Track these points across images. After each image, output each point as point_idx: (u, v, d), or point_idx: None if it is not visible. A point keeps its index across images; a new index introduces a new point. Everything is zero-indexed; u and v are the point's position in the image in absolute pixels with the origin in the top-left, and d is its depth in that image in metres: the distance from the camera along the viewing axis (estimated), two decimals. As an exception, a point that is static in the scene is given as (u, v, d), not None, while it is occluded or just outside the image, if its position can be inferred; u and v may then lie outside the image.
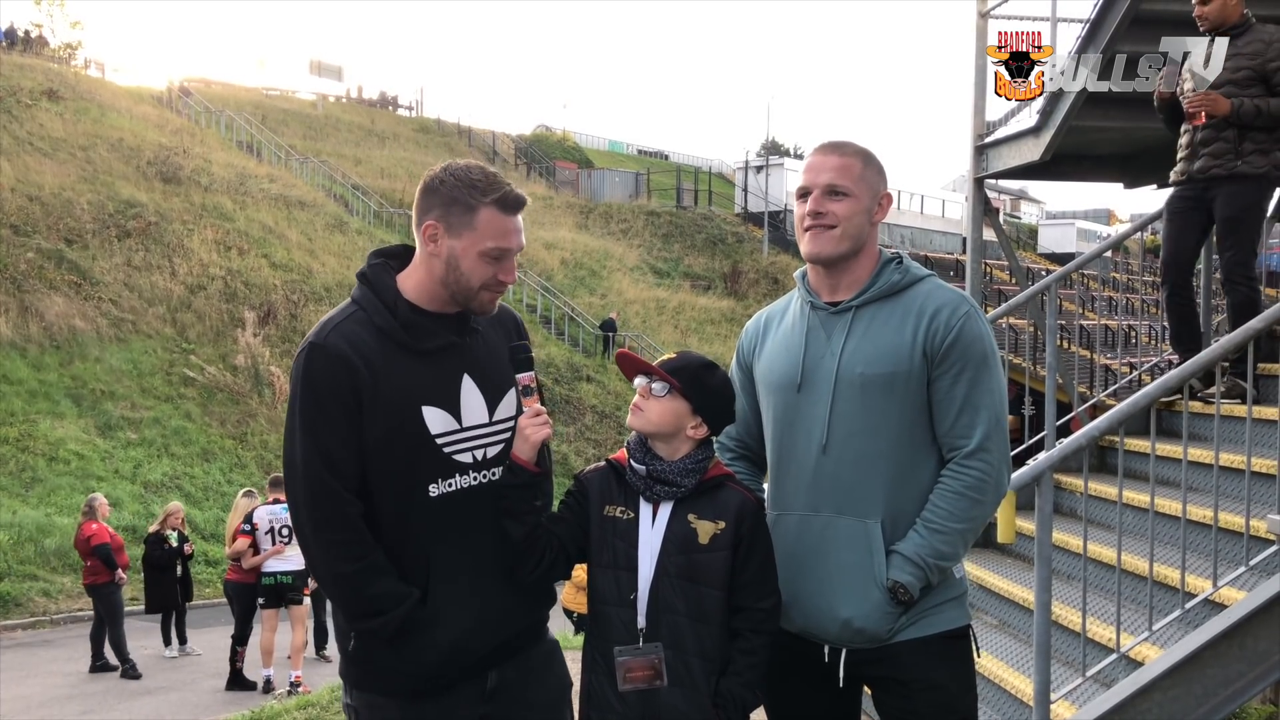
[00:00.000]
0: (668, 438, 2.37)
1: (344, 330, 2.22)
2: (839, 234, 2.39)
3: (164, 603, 11.03)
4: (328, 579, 2.26)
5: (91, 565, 10.39)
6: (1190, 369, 4.04)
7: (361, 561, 2.19)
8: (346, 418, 2.17)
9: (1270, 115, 4.78)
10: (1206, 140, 4.91)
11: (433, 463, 2.25)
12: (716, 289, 33.02)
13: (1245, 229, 4.96)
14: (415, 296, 2.28)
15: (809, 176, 2.42)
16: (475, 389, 2.31)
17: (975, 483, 2.33)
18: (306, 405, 2.19)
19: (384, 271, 2.31)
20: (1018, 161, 7.09)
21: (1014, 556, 5.36)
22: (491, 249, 2.22)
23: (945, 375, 2.34)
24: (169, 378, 19.34)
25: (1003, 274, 27.31)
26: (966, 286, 7.87)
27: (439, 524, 2.26)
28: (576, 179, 41.98)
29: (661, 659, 2.30)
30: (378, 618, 2.20)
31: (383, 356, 2.20)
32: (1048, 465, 3.82)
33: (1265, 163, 4.86)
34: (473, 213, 2.21)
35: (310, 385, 2.18)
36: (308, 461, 2.18)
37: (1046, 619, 3.73)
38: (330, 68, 48.21)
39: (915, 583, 2.32)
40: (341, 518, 2.19)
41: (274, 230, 25.77)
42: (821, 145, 2.46)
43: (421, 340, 2.25)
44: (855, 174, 2.40)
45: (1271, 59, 4.77)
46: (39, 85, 28.22)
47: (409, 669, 2.25)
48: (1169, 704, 3.64)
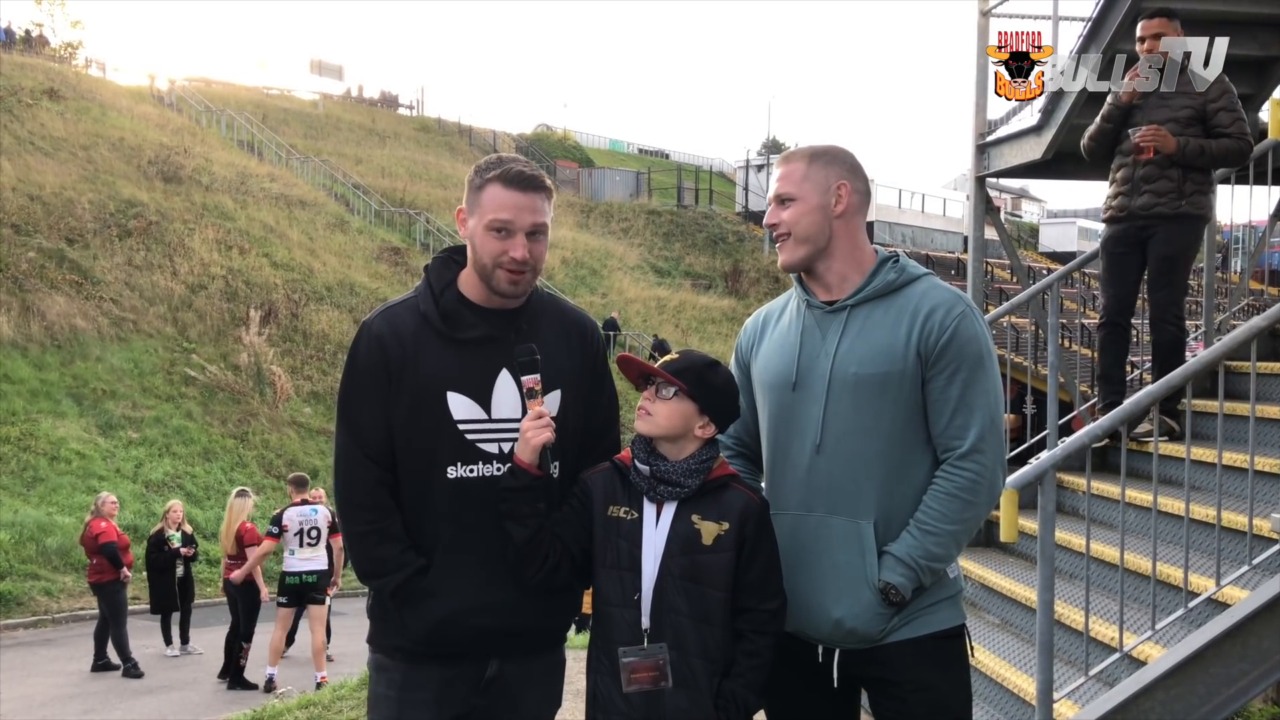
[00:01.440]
0: (675, 438, 2.36)
1: (391, 313, 2.42)
2: (792, 240, 2.42)
3: (166, 603, 11.05)
4: (345, 535, 2.46)
5: (97, 563, 10.40)
6: (1194, 367, 4.04)
7: (372, 525, 2.36)
8: (377, 392, 2.35)
9: (1211, 157, 4.83)
10: (1150, 176, 4.90)
11: (453, 446, 2.35)
12: (717, 288, 33.02)
13: (1180, 269, 5.01)
14: (467, 289, 2.42)
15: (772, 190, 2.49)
16: (511, 384, 2.38)
17: (968, 484, 2.32)
18: (348, 378, 2.41)
19: (443, 265, 2.47)
20: (1019, 160, 7.08)
21: (1016, 555, 5.36)
22: (493, 221, 2.32)
23: (940, 375, 2.33)
24: (170, 377, 19.35)
25: (1004, 273, 27.31)
26: (968, 285, 7.87)
27: (454, 505, 2.35)
28: (577, 178, 41.97)
29: (666, 660, 2.29)
30: (378, 578, 2.37)
31: (417, 340, 2.36)
32: (1050, 464, 3.81)
33: (1205, 204, 4.92)
34: (481, 191, 2.36)
35: (352, 361, 2.40)
36: (340, 429, 2.42)
37: (1049, 618, 3.72)
38: (331, 67, 48.27)
39: (907, 584, 2.31)
40: (361, 483, 2.37)
41: (275, 229, 25.77)
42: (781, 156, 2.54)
43: (458, 330, 2.37)
44: (797, 178, 2.42)
45: (1213, 99, 4.83)
46: (40, 85, 28.22)
47: (405, 632, 2.38)
48: (1172, 703, 3.64)
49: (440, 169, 37.20)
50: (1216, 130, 4.83)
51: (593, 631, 2.42)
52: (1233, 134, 4.82)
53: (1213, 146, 4.80)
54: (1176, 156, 4.80)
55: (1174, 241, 4.89)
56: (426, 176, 35.62)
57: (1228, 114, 4.82)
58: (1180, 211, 4.86)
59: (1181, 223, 4.88)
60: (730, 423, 2.45)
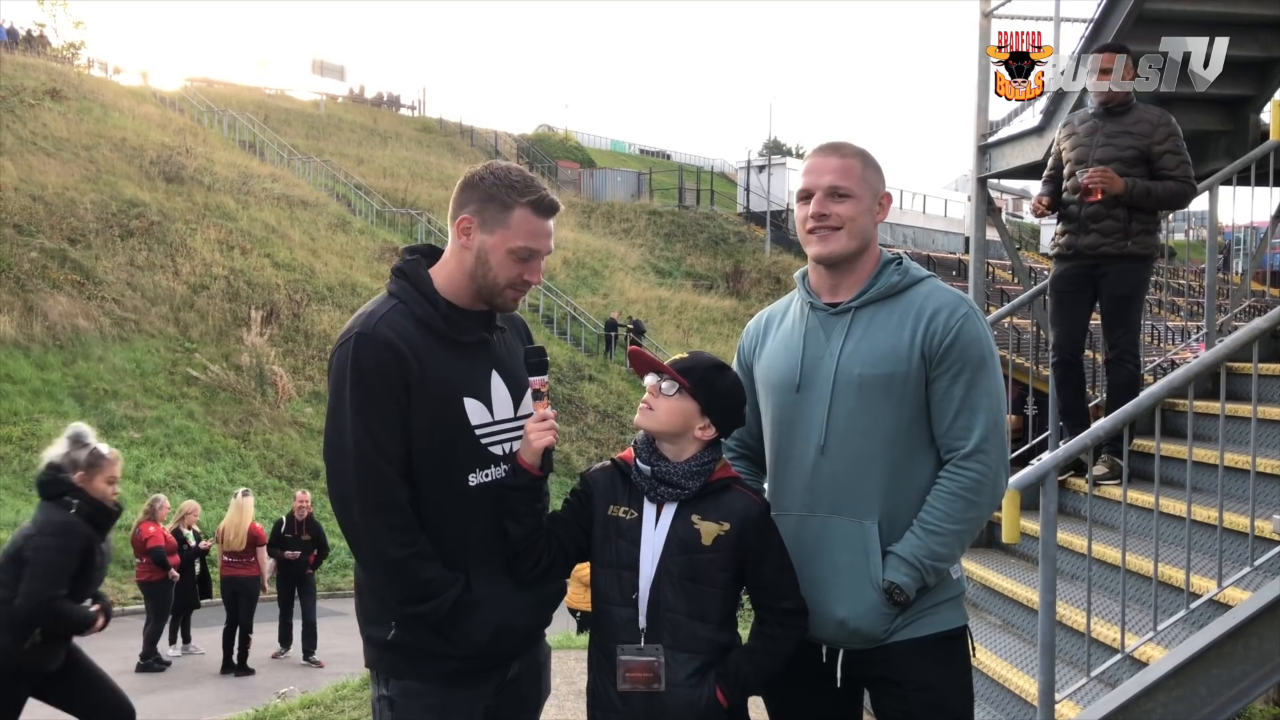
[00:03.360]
0: (675, 438, 2.36)
1: (389, 321, 2.27)
2: (845, 234, 2.39)
3: (185, 601, 11.32)
4: (378, 564, 2.27)
5: (145, 563, 10.87)
6: (1196, 368, 4.04)
7: (412, 547, 2.23)
8: (396, 405, 2.23)
9: (1157, 198, 4.87)
10: (1096, 216, 4.94)
11: (472, 452, 2.32)
12: (718, 289, 33.03)
13: (1135, 308, 5.07)
14: (446, 290, 2.34)
15: (810, 179, 2.42)
16: (503, 384, 2.38)
17: (972, 484, 2.33)
18: (358, 393, 2.22)
19: (420, 266, 2.37)
20: (1021, 161, 7.09)
21: (1018, 556, 5.36)
22: (520, 248, 2.29)
23: (943, 376, 2.34)
24: (172, 377, 19.37)
25: (1005, 274, 27.30)
26: (969, 286, 7.87)
27: (475, 511, 2.31)
28: (579, 178, 42.00)
29: (661, 663, 2.30)
30: (429, 601, 2.23)
31: (425, 348, 2.27)
32: (1052, 465, 3.81)
33: (1151, 244, 4.98)
34: (508, 211, 2.28)
35: (360, 374, 2.22)
36: (359, 447, 2.21)
37: (1051, 619, 3.72)
38: (332, 67, 48.23)
39: (911, 584, 2.32)
40: (392, 503, 2.23)
41: (276, 230, 25.80)
42: (820, 147, 2.46)
43: (460, 334, 2.32)
44: (856, 174, 2.40)
45: (1158, 141, 4.87)
46: (42, 85, 28.21)
47: (457, 650, 2.28)
48: (1173, 704, 3.64)
49: (442, 169, 37.22)
50: (1162, 173, 4.88)
51: (592, 630, 2.43)
52: (1177, 177, 4.88)
53: (1158, 189, 4.86)
54: (1124, 198, 4.86)
55: (1126, 281, 4.96)
56: (428, 177, 35.65)
57: (1173, 157, 4.88)
58: (1126, 251, 4.92)
59: (1129, 261, 4.94)
60: (733, 428, 2.45)
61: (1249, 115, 7.19)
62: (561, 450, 20.99)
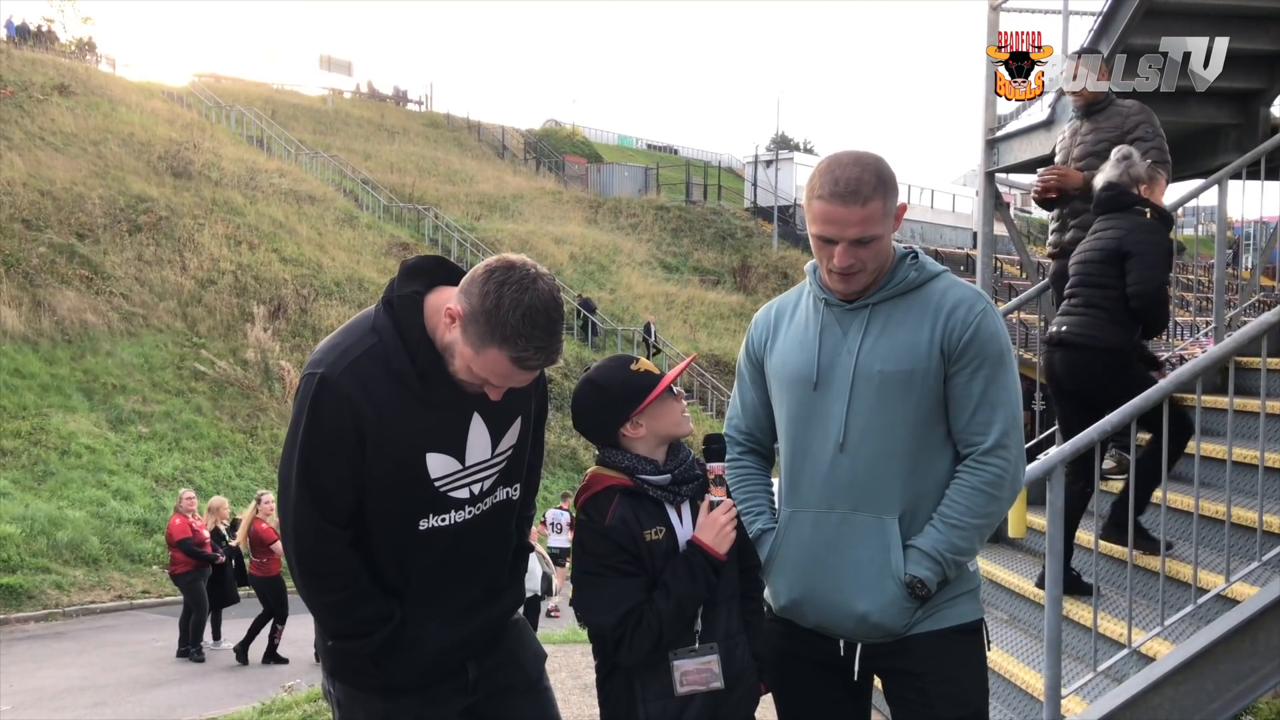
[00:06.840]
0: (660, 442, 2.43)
1: (358, 368, 2.11)
2: (865, 275, 2.35)
3: (217, 597, 11.48)
4: (311, 603, 2.24)
5: (175, 556, 11.26)
6: (1204, 363, 4.02)
7: (344, 592, 2.18)
8: (347, 457, 2.12)
9: None
10: (1076, 212, 5.08)
11: (428, 501, 2.22)
12: (725, 284, 33.01)
13: None
14: (433, 332, 2.15)
15: (833, 230, 2.29)
16: (483, 427, 2.24)
17: (993, 479, 2.33)
18: (308, 437, 2.12)
19: (412, 307, 2.16)
20: (1029, 155, 7.07)
21: (1025, 551, 5.35)
22: (486, 378, 2.12)
23: (962, 371, 2.33)
24: (180, 372, 19.42)
25: (1013, 268, 27.24)
26: (977, 280, 7.85)
27: (425, 549, 2.24)
28: (586, 173, 41.98)
29: (718, 661, 2.34)
30: (361, 639, 2.20)
31: (392, 402, 2.12)
32: (1059, 459, 3.81)
33: None
34: (486, 345, 2.05)
35: (314, 420, 2.11)
36: (300, 497, 2.14)
37: (1058, 614, 3.72)
38: (340, 63, 48.25)
39: (933, 577, 2.32)
40: (326, 556, 2.17)
41: (284, 225, 25.83)
42: (838, 193, 2.26)
43: (434, 391, 2.15)
44: (879, 216, 2.29)
45: (1129, 130, 4.96)
46: (50, 80, 28.30)
47: (391, 680, 2.25)
48: (1180, 699, 3.63)
49: (449, 165, 37.23)
50: None
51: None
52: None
53: None
54: (1085, 190, 4.91)
55: None
56: (435, 172, 35.67)
57: (1143, 143, 4.90)
58: None
59: None
60: (580, 429, 2.48)
61: (1259, 109, 7.15)
62: (568, 445, 21.03)
